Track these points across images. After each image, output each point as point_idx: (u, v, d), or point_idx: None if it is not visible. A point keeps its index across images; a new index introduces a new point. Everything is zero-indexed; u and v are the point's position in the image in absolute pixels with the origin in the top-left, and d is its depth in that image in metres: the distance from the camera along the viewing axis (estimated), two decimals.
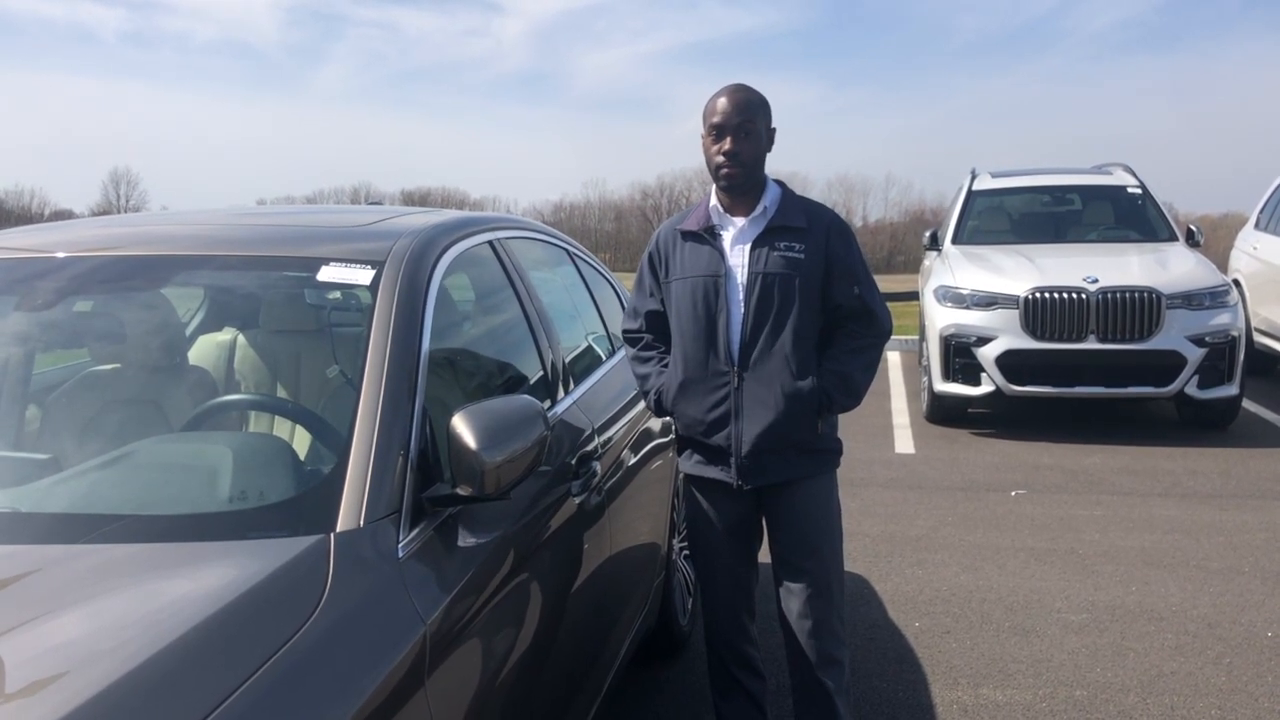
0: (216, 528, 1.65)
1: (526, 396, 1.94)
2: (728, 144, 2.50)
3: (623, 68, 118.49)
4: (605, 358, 3.25)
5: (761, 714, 2.78)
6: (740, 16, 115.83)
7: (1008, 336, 7.02)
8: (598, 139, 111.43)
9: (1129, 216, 8.52)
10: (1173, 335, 6.84)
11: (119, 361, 2.25)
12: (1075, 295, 6.90)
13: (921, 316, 8.36)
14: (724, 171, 2.53)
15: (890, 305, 2.71)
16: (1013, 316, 7.02)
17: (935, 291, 7.55)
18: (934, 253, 8.71)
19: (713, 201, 2.62)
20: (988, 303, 7.17)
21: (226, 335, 2.41)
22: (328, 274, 2.15)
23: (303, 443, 1.99)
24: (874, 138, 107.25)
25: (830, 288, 2.56)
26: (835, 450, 2.66)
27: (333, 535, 1.60)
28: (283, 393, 2.30)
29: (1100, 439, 6.98)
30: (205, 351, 2.39)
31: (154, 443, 2.02)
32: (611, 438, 2.77)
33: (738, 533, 2.68)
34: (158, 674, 1.25)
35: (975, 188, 8.96)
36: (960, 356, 7.20)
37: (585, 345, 3.19)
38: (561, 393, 2.62)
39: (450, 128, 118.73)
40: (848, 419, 3.02)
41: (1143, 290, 6.86)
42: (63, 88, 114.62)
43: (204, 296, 2.50)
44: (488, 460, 1.75)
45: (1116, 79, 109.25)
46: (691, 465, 2.68)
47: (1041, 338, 6.95)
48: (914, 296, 10.14)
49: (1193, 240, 8.03)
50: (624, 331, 2.84)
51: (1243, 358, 7.03)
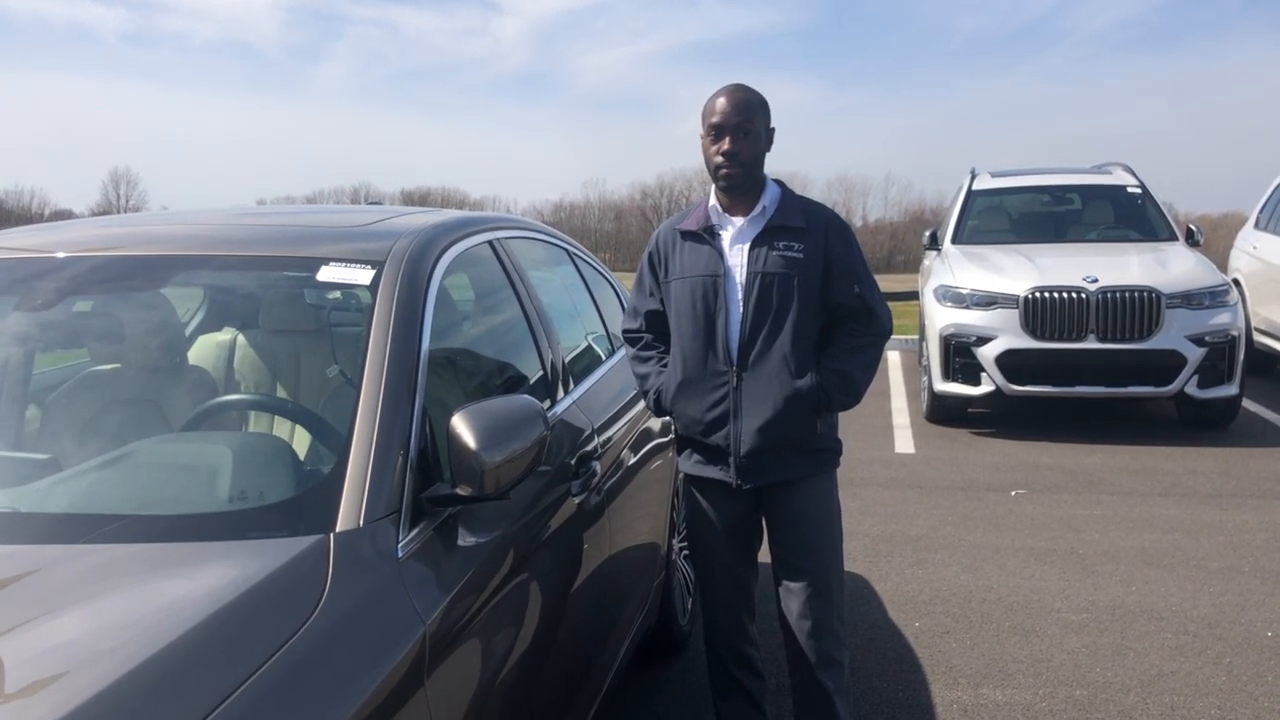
0: (216, 528, 1.65)
1: (526, 396, 1.94)
2: (727, 144, 2.50)
3: (623, 67, 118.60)
4: (605, 357, 3.25)
5: (761, 714, 2.78)
6: (740, 16, 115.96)
7: (1008, 336, 7.02)
8: (598, 139, 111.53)
9: (1129, 216, 8.52)
10: (1172, 335, 6.84)
11: (119, 361, 2.25)
12: (1075, 295, 6.90)
13: (921, 316, 8.37)
14: (723, 172, 2.53)
15: (890, 305, 2.71)
16: (1012, 316, 7.02)
17: (935, 291, 7.56)
18: (934, 252, 8.71)
19: (712, 201, 2.62)
20: (988, 302, 7.17)
21: (226, 335, 2.41)
22: (327, 274, 2.16)
23: (302, 443, 1.99)
24: (874, 138, 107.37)
25: (830, 287, 2.56)
26: (835, 450, 2.66)
27: (332, 535, 1.60)
28: (282, 393, 2.30)
29: (1100, 439, 6.98)
30: (205, 351, 2.39)
31: (154, 443, 2.02)
32: (611, 437, 2.77)
33: (737, 532, 2.68)
34: (158, 674, 1.25)
35: (975, 187, 8.97)
36: (960, 356, 7.21)
37: (585, 345, 3.19)
38: (561, 392, 2.62)
39: (450, 128, 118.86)
40: (848, 419, 3.02)
41: (1142, 290, 6.86)
42: (63, 88, 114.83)
43: (204, 296, 2.50)
44: (487, 460, 1.75)
45: (1116, 79, 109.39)
46: (691, 465, 2.68)
47: (1041, 337, 6.95)
48: (914, 296, 10.14)
49: (1192, 240, 8.03)
50: (624, 331, 2.84)
51: (1243, 357, 7.03)
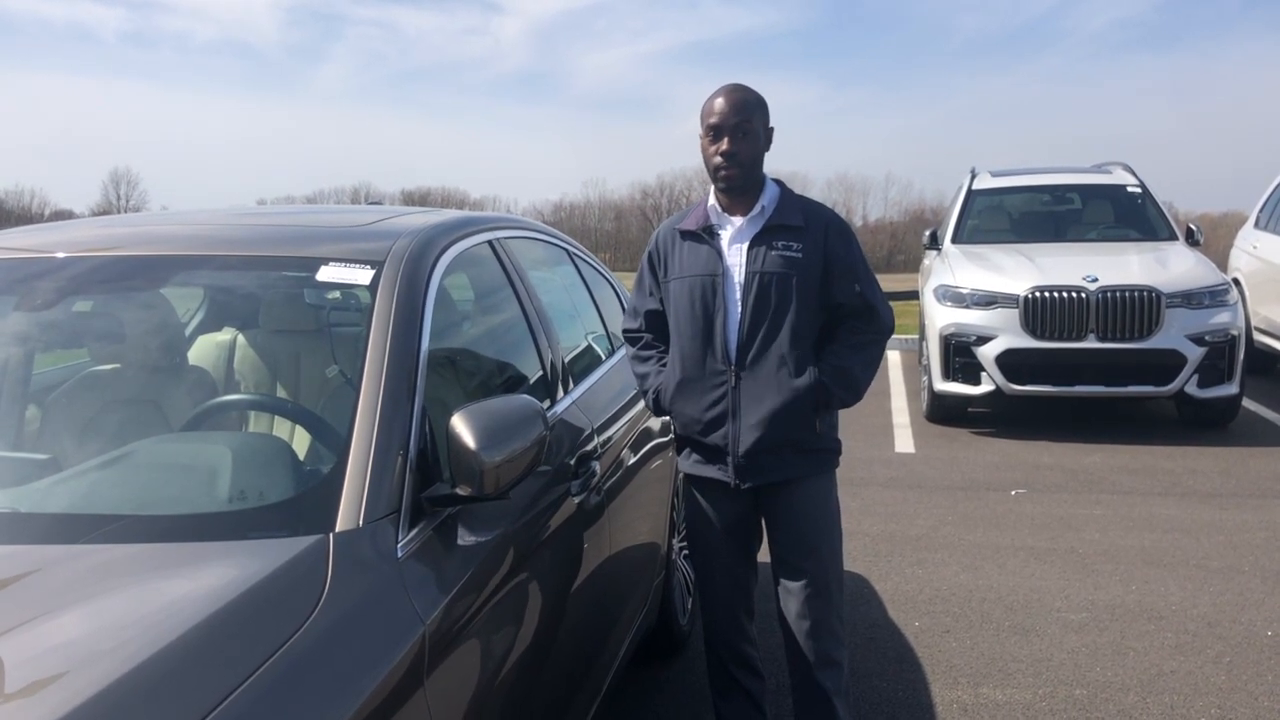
0: (216, 528, 1.65)
1: (526, 396, 1.94)
2: (725, 144, 2.50)
3: (623, 67, 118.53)
4: (605, 357, 3.25)
5: (760, 714, 2.78)
6: (740, 16, 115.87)
7: (1007, 336, 7.02)
8: (598, 139, 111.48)
9: (1129, 215, 8.52)
10: (1172, 334, 6.84)
11: (119, 361, 2.25)
12: (1075, 294, 6.91)
13: (921, 316, 8.37)
14: (722, 173, 2.53)
15: (890, 304, 2.71)
16: (1012, 316, 7.02)
17: (935, 291, 7.56)
18: (934, 252, 8.71)
19: (711, 201, 2.62)
20: (987, 302, 7.17)
21: (226, 335, 2.41)
22: (327, 274, 2.16)
23: (302, 443, 1.99)
24: (874, 138, 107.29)
25: (831, 286, 2.56)
26: (834, 450, 2.66)
27: (332, 535, 1.61)
28: (282, 393, 2.30)
29: (1100, 438, 6.98)
30: (205, 351, 2.39)
31: (154, 443, 2.02)
32: (611, 437, 2.77)
33: (736, 532, 2.68)
34: (158, 674, 1.25)
35: (975, 187, 8.97)
36: (960, 356, 7.21)
37: (585, 345, 3.19)
38: (561, 392, 2.62)
39: (450, 127, 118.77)
40: (847, 419, 3.02)
41: (1142, 289, 6.86)
42: (63, 88, 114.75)
43: (204, 296, 2.50)
44: (487, 460, 1.75)
45: (1116, 78, 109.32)
46: (690, 464, 2.68)
47: (1041, 337, 6.95)
48: (914, 296, 10.13)
49: (1192, 239, 8.03)
50: (624, 331, 2.85)
51: (1242, 356, 7.03)
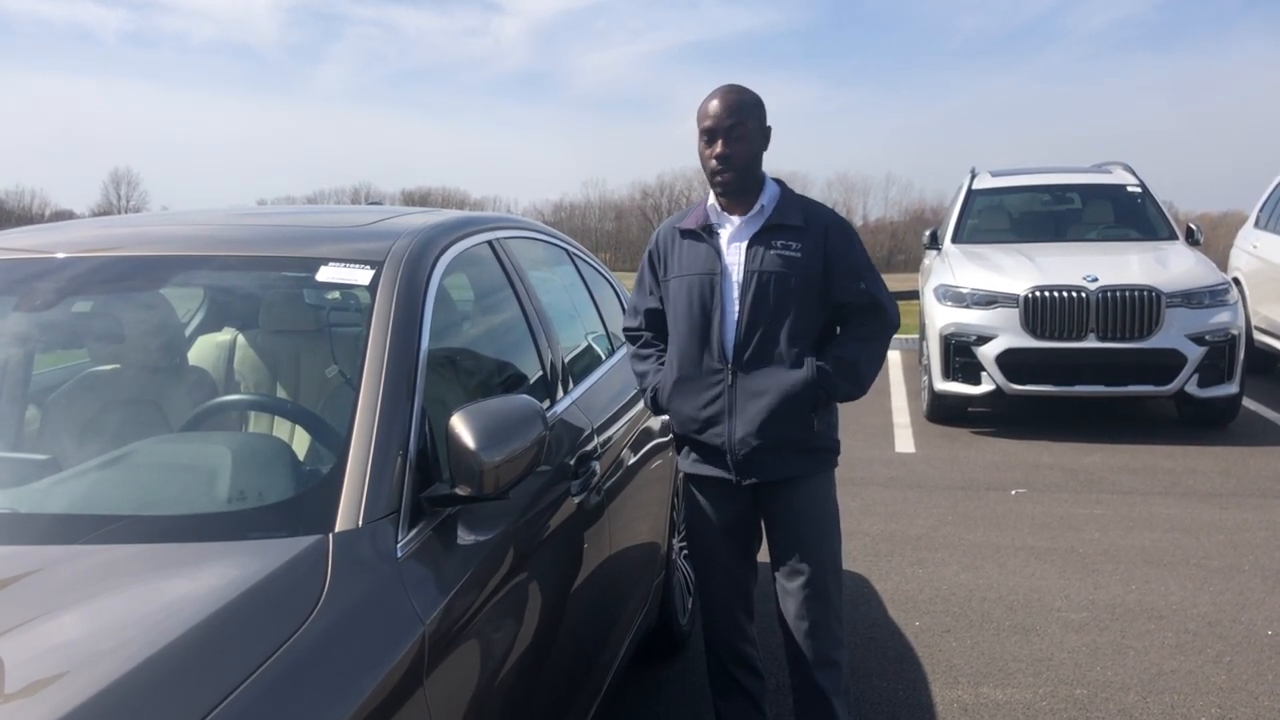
0: (216, 528, 1.65)
1: (525, 396, 1.94)
2: (719, 148, 2.51)
3: (623, 67, 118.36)
4: (605, 357, 3.25)
5: (760, 713, 2.78)
6: (740, 16, 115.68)
7: (1008, 335, 7.02)
8: (598, 139, 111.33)
9: (1129, 215, 8.52)
10: (1172, 334, 6.84)
11: (119, 362, 2.25)
12: (1075, 294, 6.90)
13: (921, 315, 8.37)
14: (718, 177, 2.53)
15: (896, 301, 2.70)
16: (1013, 315, 7.02)
17: (935, 290, 7.56)
18: (934, 252, 8.71)
19: (711, 200, 2.62)
20: (988, 302, 7.17)
21: (226, 335, 2.41)
22: (327, 274, 2.16)
23: (302, 443, 1.99)
24: (874, 137, 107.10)
25: (833, 286, 2.56)
26: (832, 449, 2.66)
27: (331, 535, 1.61)
28: (282, 393, 2.31)
29: (1100, 438, 6.98)
30: (205, 352, 2.40)
31: (153, 443, 2.02)
32: (611, 437, 2.77)
33: (735, 532, 2.68)
34: (158, 674, 1.25)
35: (975, 187, 8.97)
36: (960, 355, 7.20)
37: (585, 345, 3.19)
38: (561, 392, 2.62)
39: (450, 128, 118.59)
40: (847, 419, 3.02)
41: (1142, 289, 6.86)
42: (63, 88, 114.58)
43: (203, 297, 2.50)
44: (486, 460, 1.75)
45: (1116, 78, 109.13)
46: (689, 464, 2.68)
47: (1041, 336, 6.95)
48: (914, 295, 10.13)
49: (1192, 239, 8.03)
50: (624, 329, 2.85)
51: (1243, 356, 7.03)
